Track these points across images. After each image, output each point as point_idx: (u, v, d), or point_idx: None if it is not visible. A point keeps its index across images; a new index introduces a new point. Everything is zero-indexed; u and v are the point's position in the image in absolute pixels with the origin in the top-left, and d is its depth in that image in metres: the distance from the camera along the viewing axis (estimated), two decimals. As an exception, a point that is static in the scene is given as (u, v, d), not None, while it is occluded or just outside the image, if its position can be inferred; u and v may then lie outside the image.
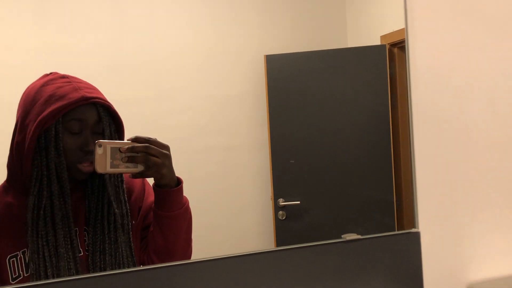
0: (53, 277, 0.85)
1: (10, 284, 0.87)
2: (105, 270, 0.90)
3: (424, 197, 1.09)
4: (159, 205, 0.92)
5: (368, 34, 1.71)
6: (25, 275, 0.87)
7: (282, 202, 1.67)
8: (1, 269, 0.88)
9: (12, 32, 1.32)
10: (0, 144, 0.91)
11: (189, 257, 0.98)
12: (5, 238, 0.89)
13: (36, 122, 0.86)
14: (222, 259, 0.91)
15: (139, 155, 0.88)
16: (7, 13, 1.32)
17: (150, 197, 0.94)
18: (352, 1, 1.76)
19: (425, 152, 1.10)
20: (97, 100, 0.91)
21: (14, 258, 0.89)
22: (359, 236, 0.98)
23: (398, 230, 1.56)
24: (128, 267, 0.92)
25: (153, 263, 0.94)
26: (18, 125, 0.89)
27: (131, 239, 0.94)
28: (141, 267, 0.90)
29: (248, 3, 1.67)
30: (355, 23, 1.73)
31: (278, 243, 1.61)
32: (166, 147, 0.91)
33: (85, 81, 0.96)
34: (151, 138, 0.90)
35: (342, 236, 0.98)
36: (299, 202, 1.68)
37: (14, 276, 0.88)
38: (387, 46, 1.62)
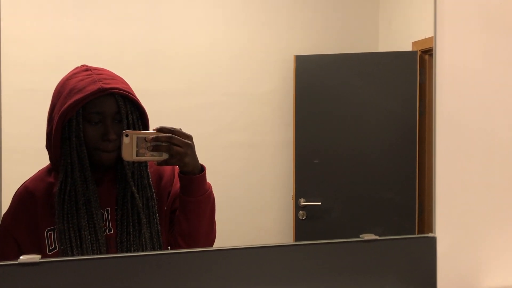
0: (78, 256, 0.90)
1: (47, 255, 0.94)
2: (129, 249, 0.95)
3: (443, 203, 1.09)
4: (183, 191, 0.96)
5: (400, 40, 1.70)
6: (61, 248, 0.92)
7: (303, 202, 1.68)
8: (40, 241, 0.94)
9: (52, 22, 1.38)
10: (40, 130, 0.96)
11: (212, 240, 1.02)
12: (45, 213, 0.95)
13: (59, 114, 0.91)
14: (243, 249, 0.93)
15: (163, 144, 0.91)
16: (48, 4, 1.38)
17: (179, 182, 0.97)
18: (386, 6, 1.75)
19: (447, 160, 1.10)
20: (114, 90, 0.93)
21: (52, 232, 0.95)
22: (377, 237, 0.99)
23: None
24: (152, 248, 0.96)
25: (178, 245, 0.98)
26: (48, 116, 0.95)
27: (157, 221, 0.98)
28: (160, 252, 0.95)
29: (281, 4, 1.69)
30: (387, 28, 1.73)
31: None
32: (189, 137, 0.94)
33: (108, 72, 0.98)
34: (175, 129, 0.93)
35: (360, 235, 0.99)
36: (320, 203, 1.69)
37: (50, 248, 0.95)
38: (418, 53, 1.61)
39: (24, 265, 0.83)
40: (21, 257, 0.84)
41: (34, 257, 0.84)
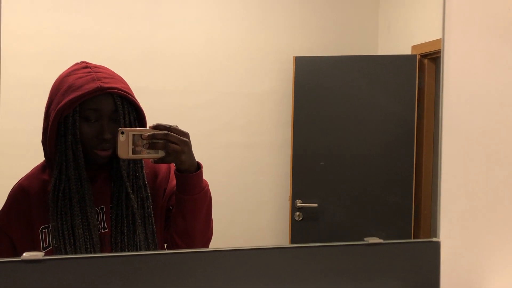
0: (72, 254, 0.89)
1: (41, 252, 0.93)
2: (124, 249, 0.95)
3: (448, 208, 1.09)
4: (179, 189, 0.95)
5: (399, 43, 1.71)
6: (54, 245, 0.91)
7: (299, 203, 1.67)
8: (34, 238, 0.93)
9: (50, 17, 1.38)
10: (37, 125, 0.95)
11: (209, 238, 1.01)
12: (39, 211, 0.94)
13: (55, 111, 0.90)
14: (240, 251, 0.92)
15: (160, 141, 0.90)
16: (49, -1, 1.38)
17: (175, 180, 0.97)
18: (386, 9, 1.75)
19: (452, 164, 1.10)
20: (113, 90, 0.92)
21: (46, 229, 0.94)
22: (381, 241, 0.98)
23: (414, 237, 1.56)
24: (147, 248, 0.96)
25: (175, 242, 0.98)
26: (45, 112, 0.94)
27: (153, 222, 0.97)
28: (155, 252, 0.94)
29: (281, 4, 1.69)
30: (387, 31, 1.73)
31: (292, 244, 1.62)
32: (186, 134, 0.93)
33: (108, 70, 0.97)
34: (171, 126, 0.91)
35: (365, 239, 0.98)
36: (316, 204, 1.69)
37: (45, 246, 0.94)
38: (418, 57, 1.61)
39: (26, 262, 0.82)
40: (24, 254, 0.83)
41: (38, 254, 0.83)
